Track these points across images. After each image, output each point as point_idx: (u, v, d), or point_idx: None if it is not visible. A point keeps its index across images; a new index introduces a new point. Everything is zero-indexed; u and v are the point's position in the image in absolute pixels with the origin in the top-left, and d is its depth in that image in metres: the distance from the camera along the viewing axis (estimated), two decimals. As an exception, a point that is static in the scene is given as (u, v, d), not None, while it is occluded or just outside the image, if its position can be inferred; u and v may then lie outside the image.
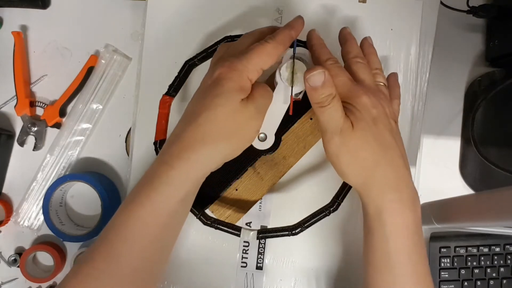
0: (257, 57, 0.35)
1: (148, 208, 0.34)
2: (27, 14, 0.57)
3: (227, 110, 0.34)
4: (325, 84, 0.35)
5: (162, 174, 0.34)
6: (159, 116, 0.43)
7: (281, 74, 0.38)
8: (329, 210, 0.41)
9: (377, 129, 0.36)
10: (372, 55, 0.42)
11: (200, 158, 0.35)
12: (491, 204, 0.37)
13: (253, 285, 0.49)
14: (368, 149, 0.36)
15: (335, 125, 0.36)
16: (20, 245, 0.57)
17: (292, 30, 0.38)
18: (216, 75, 0.35)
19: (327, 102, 0.35)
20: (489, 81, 0.56)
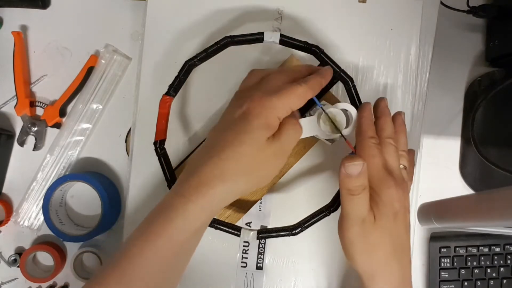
0: (288, 97, 0.36)
1: (164, 239, 0.34)
2: (27, 14, 0.57)
3: (251, 148, 0.34)
4: (361, 175, 0.36)
5: (179, 206, 0.34)
6: (159, 116, 0.43)
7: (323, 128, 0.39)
8: (329, 210, 0.41)
9: (395, 226, 0.37)
10: (402, 134, 0.42)
11: (217, 193, 0.35)
12: (491, 204, 0.37)
13: (253, 285, 0.49)
14: (383, 248, 0.37)
15: (358, 215, 0.37)
16: (20, 245, 0.57)
17: (323, 78, 0.39)
18: (244, 109, 0.35)
19: (357, 192, 0.36)
20: (489, 81, 0.56)
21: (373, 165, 0.37)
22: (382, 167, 0.38)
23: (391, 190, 0.37)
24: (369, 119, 0.40)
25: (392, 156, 0.39)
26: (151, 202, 0.49)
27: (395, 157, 0.39)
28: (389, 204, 0.37)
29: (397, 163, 0.39)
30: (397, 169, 0.39)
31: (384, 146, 0.39)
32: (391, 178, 0.37)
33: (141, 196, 0.49)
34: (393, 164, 0.39)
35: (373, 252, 0.37)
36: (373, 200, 0.37)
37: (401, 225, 0.38)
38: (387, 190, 0.37)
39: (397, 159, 0.39)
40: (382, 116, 0.41)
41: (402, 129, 0.42)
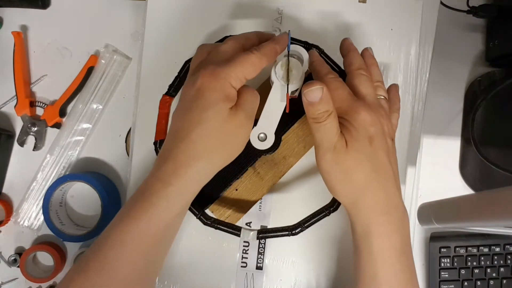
0: (241, 66, 0.35)
1: (145, 223, 0.34)
2: (27, 14, 0.57)
3: (217, 122, 0.34)
4: (322, 100, 0.35)
5: (159, 190, 0.34)
6: (159, 116, 0.43)
7: (276, 72, 0.38)
8: (329, 210, 0.41)
9: (372, 150, 0.36)
10: (374, 66, 0.41)
11: (195, 173, 0.35)
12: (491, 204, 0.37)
13: (253, 285, 0.49)
14: (360, 171, 0.36)
15: (329, 142, 0.36)
16: (20, 245, 0.57)
17: (277, 44, 0.38)
18: (198, 85, 0.35)
19: (323, 119, 0.35)
20: (489, 81, 0.56)
21: (338, 96, 0.36)
22: (348, 95, 0.36)
23: (361, 114, 0.35)
24: (318, 61, 0.39)
25: (365, 86, 0.37)
26: (151, 202, 0.49)
27: (367, 85, 0.38)
28: (361, 128, 0.35)
29: (370, 90, 0.38)
30: (371, 95, 0.37)
31: (354, 77, 0.38)
32: (360, 103, 0.36)
33: (141, 196, 0.49)
34: (364, 91, 0.37)
35: (349, 177, 0.36)
36: (344, 127, 0.36)
37: (379, 149, 0.36)
38: (357, 114, 0.35)
39: (370, 87, 0.38)
40: (348, 53, 0.40)
41: (372, 62, 0.41)
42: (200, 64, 0.37)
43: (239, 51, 0.37)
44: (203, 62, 0.37)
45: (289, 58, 0.38)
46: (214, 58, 0.36)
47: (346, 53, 0.40)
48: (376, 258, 0.36)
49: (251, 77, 0.36)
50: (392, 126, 0.40)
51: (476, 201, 0.40)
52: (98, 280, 0.34)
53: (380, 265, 0.36)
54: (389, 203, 0.36)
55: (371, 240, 0.36)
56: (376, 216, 0.36)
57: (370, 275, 0.37)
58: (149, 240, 0.35)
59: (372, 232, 0.36)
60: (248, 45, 0.38)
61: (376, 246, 0.36)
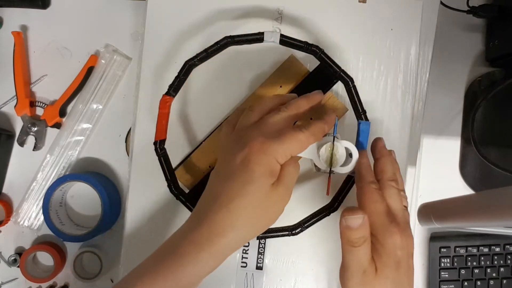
0: (289, 144, 0.36)
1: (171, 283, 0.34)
2: (27, 14, 0.57)
3: (258, 197, 0.35)
4: (361, 227, 0.35)
5: (191, 254, 0.35)
6: (159, 116, 0.43)
7: (321, 155, 0.39)
8: (329, 210, 0.41)
9: (398, 275, 0.36)
10: (398, 173, 0.41)
11: (228, 242, 0.35)
12: (491, 204, 0.37)
13: (253, 285, 0.49)
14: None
15: (359, 266, 0.36)
16: (20, 245, 0.57)
17: (326, 124, 0.38)
18: (245, 155, 0.35)
19: (358, 244, 0.36)
20: (489, 81, 0.56)
21: (375, 211, 0.36)
22: (384, 213, 0.36)
23: (394, 238, 0.36)
24: (367, 165, 0.39)
25: (395, 200, 0.37)
26: (151, 202, 0.49)
27: (398, 200, 0.38)
28: (392, 252, 0.36)
29: (401, 206, 0.38)
30: (401, 212, 0.37)
31: (386, 189, 0.38)
32: (394, 225, 0.36)
33: (141, 196, 0.49)
34: (397, 208, 0.37)
35: None
36: (375, 249, 0.36)
37: (403, 273, 0.36)
38: (390, 238, 0.36)
39: (401, 202, 0.38)
40: (381, 158, 0.40)
41: (397, 167, 0.41)
42: (249, 129, 0.38)
43: (290, 124, 0.38)
44: (253, 128, 0.38)
45: (335, 143, 0.39)
46: (264, 129, 0.37)
47: (379, 157, 0.40)
48: None
49: (296, 154, 0.37)
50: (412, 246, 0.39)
51: (476, 201, 0.40)
52: None
53: None
54: None
55: None
56: None
57: None
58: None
59: None
60: (299, 115, 0.39)
61: None
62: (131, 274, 0.36)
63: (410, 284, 0.38)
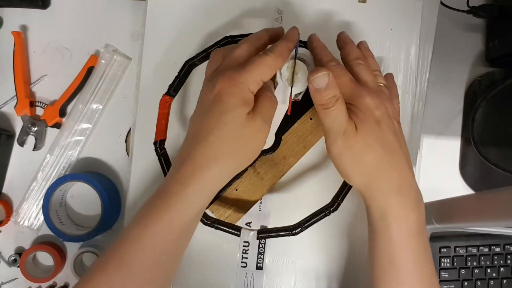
0: (258, 69, 0.35)
1: (163, 224, 0.35)
2: (27, 14, 0.57)
3: (235, 127, 0.35)
4: (329, 86, 0.35)
5: (177, 192, 0.35)
6: (159, 116, 0.43)
7: (282, 74, 0.38)
8: (329, 210, 0.41)
9: (380, 131, 0.36)
10: (370, 57, 0.42)
11: (213, 175, 0.35)
12: (491, 204, 0.37)
13: (253, 285, 0.49)
14: (372, 152, 0.36)
15: (338, 127, 0.36)
16: (20, 245, 0.57)
17: (290, 42, 0.38)
18: (217, 90, 0.35)
19: (331, 104, 0.35)
20: (489, 81, 0.56)
21: (342, 83, 0.36)
22: (351, 81, 0.37)
23: (366, 98, 0.36)
24: (320, 47, 0.39)
25: (363, 72, 0.38)
26: (151, 202, 0.49)
27: (367, 73, 0.38)
28: (368, 111, 0.36)
29: (371, 77, 0.38)
30: (371, 81, 0.38)
31: (353, 67, 0.38)
32: (363, 88, 0.37)
33: (141, 196, 0.49)
34: (365, 78, 0.38)
35: (361, 160, 0.36)
36: (351, 112, 0.36)
37: (387, 130, 0.36)
38: (362, 99, 0.36)
39: (370, 74, 0.38)
40: (345, 45, 0.40)
41: (368, 54, 0.42)
42: (216, 69, 0.38)
43: (253, 53, 0.38)
44: (220, 67, 0.38)
45: (296, 61, 0.38)
46: (230, 63, 0.37)
47: (343, 45, 0.41)
48: (394, 241, 0.36)
49: (267, 79, 0.36)
50: (395, 110, 0.40)
51: (476, 201, 0.40)
52: (116, 279, 0.34)
53: (398, 248, 0.36)
54: (403, 183, 0.37)
55: (388, 222, 0.36)
56: (392, 196, 0.36)
57: (388, 259, 0.37)
58: (167, 240, 0.35)
59: (388, 214, 0.36)
60: (260, 45, 0.39)
61: (393, 227, 0.36)
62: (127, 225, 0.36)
63: (401, 145, 0.37)
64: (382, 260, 0.37)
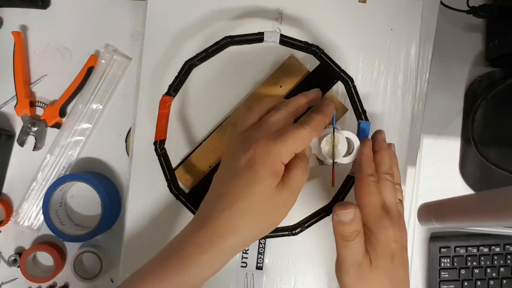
0: (292, 142, 0.35)
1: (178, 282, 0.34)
2: (27, 14, 0.57)
3: (262, 199, 0.35)
4: (353, 221, 0.36)
5: (194, 256, 0.34)
6: (159, 116, 0.43)
7: (322, 148, 0.39)
8: (329, 210, 0.41)
9: (393, 267, 0.37)
10: (396, 167, 0.41)
11: (231, 245, 0.35)
12: (491, 204, 0.37)
13: (253, 285, 0.49)
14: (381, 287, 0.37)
15: (354, 259, 0.37)
16: (20, 245, 0.57)
17: (326, 116, 0.38)
18: (249, 156, 0.35)
19: (351, 238, 0.36)
20: (489, 81, 0.56)
21: (371, 203, 0.37)
22: (379, 206, 0.37)
23: (388, 231, 0.36)
24: (369, 156, 0.39)
25: (390, 193, 0.38)
26: (151, 202, 0.49)
27: (392, 193, 0.38)
28: (385, 245, 0.36)
29: (395, 200, 0.38)
30: (395, 206, 0.38)
31: (382, 182, 0.38)
32: (388, 218, 0.37)
33: (141, 196, 0.49)
34: (391, 201, 0.38)
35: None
36: (369, 242, 0.37)
37: (398, 265, 0.37)
38: (384, 231, 0.36)
39: (395, 196, 0.39)
40: (380, 150, 0.40)
41: (395, 162, 0.42)
42: (250, 130, 0.38)
43: (290, 121, 0.38)
44: (254, 129, 0.38)
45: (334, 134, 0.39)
46: (266, 130, 0.37)
47: (378, 150, 0.40)
48: None
49: (300, 150, 0.37)
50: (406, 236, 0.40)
51: (476, 201, 0.40)
52: None
53: None
54: None
55: None
56: None
57: None
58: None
59: None
60: (299, 113, 0.39)
61: None
62: (134, 276, 0.36)
63: (405, 277, 0.38)
64: None
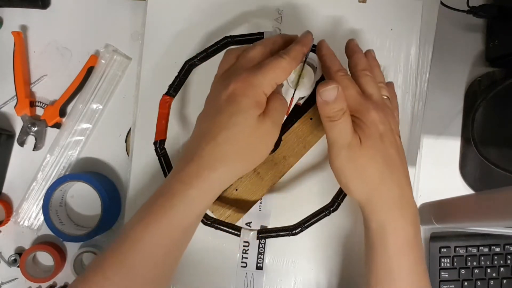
0: (273, 72, 0.35)
1: (165, 224, 0.34)
2: (27, 14, 0.57)
3: (245, 128, 0.35)
4: (337, 99, 0.35)
5: (181, 192, 0.34)
6: (159, 116, 0.43)
7: (289, 76, 0.38)
8: (329, 210, 0.41)
9: (383, 146, 0.37)
10: (377, 68, 0.42)
11: (218, 177, 0.35)
12: (491, 204, 0.37)
13: (253, 285, 0.49)
14: (374, 166, 0.36)
15: (343, 139, 0.36)
16: (20, 245, 0.57)
17: (304, 46, 0.38)
18: (230, 90, 0.35)
19: (338, 117, 0.36)
20: (489, 81, 0.56)
21: (349, 95, 0.37)
22: (357, 94, 0.37)
23: (371, 113, 0.36)
24: (329, 55, 0.39)
25: (370, 85, 0.38)
26: (151, 202, 0.49)
27: (373, 85, 0.38)
28: (372, 125, 0.36)
29: (376, 90, 0.38)
30: (376, 94, 0.38)
31: (360, 77, 0.39)
32: (369, 102, 0.37)
33: (141, 196, 0.49)
34: (371, 90, 0.38)
35: (364, 174, 0.37)
36: (356, 125, 0.37)
37: (389, 145, 0.37)
38: (367, 113, 0.37)
39: (376, 87, 0.39)
40: (353, 54, 0.40)
41: (375, 63, 0.42)
42: (229, 69, 0.38)
43: (267, 56, 0.38)
44: (233, 67, 0.38)
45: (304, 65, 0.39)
46: (245, 64, 0.37)
47: (352, 54, 0.41)
48: (391, 253, 0.37)
49: (281, 81, 0.36)
50: (396, 123, 0.40)
51: (476, 201, 0.40)
52: (116, 279, 0.34)
53: (395, 259, 0.37)
54: (403, 198, 0.37)
55: (386, 235, 0.37)
56: (392, 211, 0.37)
57: (385, 270, 0.38)
58: (168, 240, 0.35)
59: (387, 227, 0.37)
60: (275, 48, 0.39)
61: (391, 240, 0.37)
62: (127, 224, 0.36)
63: (399, 159, 0.38)
64: (379, 270, 0.38)
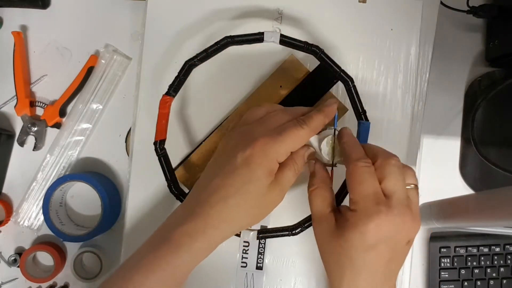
0: (291, 142, 0.36)
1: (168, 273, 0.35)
2: (27, 14, 0.57)
3: (255, 196, 0.36)
4: None
5: (187, 245, 0.35)
6: (159, 116, 0.43)
7: (322, 149, 0.39)
8: (329, 210, 0.41)
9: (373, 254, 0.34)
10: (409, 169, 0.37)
11: (223, 235, 0.37)
12: (491, 204, 0.37)
13: (253, 285, 0.49)
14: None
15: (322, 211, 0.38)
16: (20, 245, 0.57)
17: (326, 117, 0.38)
18: (247, 154, 0.35)
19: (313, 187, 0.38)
20: (489, 81, 0.56)
21: (361, 191, 0.33)
22: (373, 194, 0.33)
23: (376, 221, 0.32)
24: (352, 142, 0.37)
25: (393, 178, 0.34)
26: (151, 202, 0.49)
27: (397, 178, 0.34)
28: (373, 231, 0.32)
29: (400, 184, 0.34)
30: (399, 193, 0.33)
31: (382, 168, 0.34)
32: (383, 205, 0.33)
33: (141, 196, 0.49)
34: (394, 187, 0.33)
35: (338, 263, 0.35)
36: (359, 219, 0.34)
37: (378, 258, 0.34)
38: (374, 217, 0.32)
39: (401, 180, 0.34)
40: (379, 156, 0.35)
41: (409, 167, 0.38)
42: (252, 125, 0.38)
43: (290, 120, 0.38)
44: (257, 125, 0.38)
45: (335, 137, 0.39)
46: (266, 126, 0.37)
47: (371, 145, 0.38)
48: None
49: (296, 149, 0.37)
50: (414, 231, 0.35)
51: (476, 201, 0.40)
52: None
53: None
54: None
55: None
56: None
57: None
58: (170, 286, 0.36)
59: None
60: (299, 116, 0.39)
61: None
62: (126, 265, 0.36)
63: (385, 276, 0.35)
64: None
